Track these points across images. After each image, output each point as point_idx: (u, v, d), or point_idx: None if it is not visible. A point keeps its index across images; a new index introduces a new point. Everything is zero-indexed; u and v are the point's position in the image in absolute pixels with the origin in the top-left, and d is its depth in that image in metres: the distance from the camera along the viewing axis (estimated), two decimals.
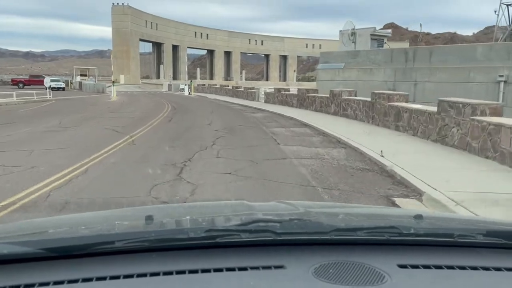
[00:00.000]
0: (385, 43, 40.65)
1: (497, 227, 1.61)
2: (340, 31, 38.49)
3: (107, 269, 1.19)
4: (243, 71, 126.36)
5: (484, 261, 1.31)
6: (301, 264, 1.23)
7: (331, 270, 1.19)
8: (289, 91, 32.30)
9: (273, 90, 36.75)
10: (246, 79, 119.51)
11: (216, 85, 56.72)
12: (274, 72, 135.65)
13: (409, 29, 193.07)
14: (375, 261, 1.25)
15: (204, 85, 61.79)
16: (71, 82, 67.62)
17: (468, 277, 1.24)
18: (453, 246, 1.40)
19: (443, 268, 1.25)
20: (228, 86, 51.01)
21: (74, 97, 47.23)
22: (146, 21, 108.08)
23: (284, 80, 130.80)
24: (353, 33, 37.41)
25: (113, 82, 49.79)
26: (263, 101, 35.50)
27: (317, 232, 1.36)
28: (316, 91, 28.39)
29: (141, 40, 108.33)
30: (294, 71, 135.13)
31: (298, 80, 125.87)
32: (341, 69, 35.39)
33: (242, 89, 43.03)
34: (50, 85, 58.68)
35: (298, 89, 30.49)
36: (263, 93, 36.58)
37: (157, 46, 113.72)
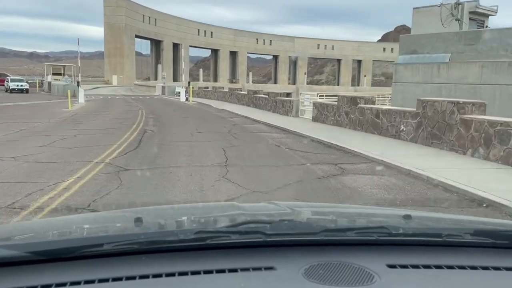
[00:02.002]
0: (486, 26, 24.66)
1: (485, 226, 1.58)
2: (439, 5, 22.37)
3: (95, 272, 1.13)
4: (250, 73, 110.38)
5: (472, 261, 1.28)
6: (291, 265, 1.18)
7: (320, 271, 1.15)
8: (374, 103, 16.13)
9: (322, 98, 20.78)
10: (247, 82, 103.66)
11: (223, 88, 40.55)
12: (283, 74, 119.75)
13: None
14: (365, 261, 1.21)
15: (207, 88, 45.62)
16: (40, 83, 51.74)
17: (456, 277, 1.20)
18: (441, 246, 1.36)
19: (432, 268, 1.22)
20: (241, 90, 34.83)
21: (18, 103, 31.45)
22: (143, 15, 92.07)
23: (294, 83, 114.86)
24: (458, 4, 21.41)
25: (77, 82, 33.86)
26: (310, 116, 19.36)
27: (307, 233, 1.31)
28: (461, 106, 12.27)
29: (137, 36, 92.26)
30: (305, 73, 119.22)
31: (308, 83, 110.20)
32: (444, 63, 19.38)
33: (265, 96, 26.68)
34: (9, 86, 43.01)
35: (426, 103, 14.29)
36: (308, 103, 20.42)
37: (156, 44, 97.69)
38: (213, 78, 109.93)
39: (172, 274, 1.13)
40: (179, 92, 46.41)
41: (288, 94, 26.05)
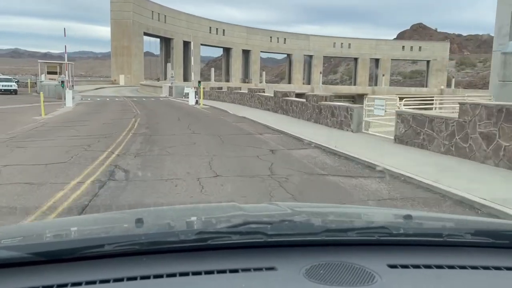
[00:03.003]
0: None
1: (486, 226, 1.56)
2: None
3: (96, 273, 1.12)
4: (263, 73, 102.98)
5: (473, 260, 1.26)
6: (292, 265, 1.17)
7: (321, 271, 1.13)
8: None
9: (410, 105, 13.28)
10: (260, 82, 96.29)
11: (240, 89, 33.00)
12: (298, 74, 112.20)
13: (438, 30, 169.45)
14: (365, 262, 1.19)
15: (221, 88, 38.24)
16: (34, 83, 44.96)
17: (457, 277, 1.18)
18: (442, 246, 1.34)
19: (432, 268, 1.20)
20: (262, 92, 27.36)
21: None
22: (152, 11, 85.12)
23: (309, 83, 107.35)
24: None
25: (61, 82, 26.92)
26: (382, 132, 11.86)
27: (308, 233, 1.29)
28: None
29: (146, 34, 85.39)
30: (320, 73, 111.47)
31: (323, 83, 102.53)
32: None
33: (302, 100, 19.17)
34: None
35: None
36: (382, 113, 12.89)
37: (166, 42, 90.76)
38: (225, 78, 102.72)
39: (173, 275, 1.10)
40: (188, 94, 39.34)
41: (301, 95, 19.09)
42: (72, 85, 49.30)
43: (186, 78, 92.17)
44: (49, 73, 45.69)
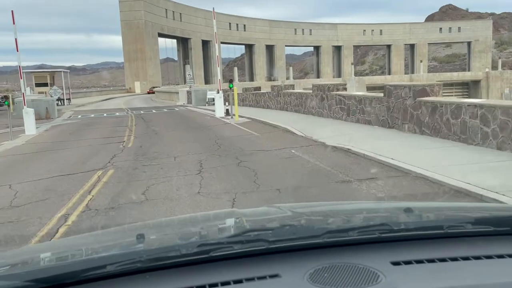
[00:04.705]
0: None
1: (486, 214, 1.51)
2: None
3: None
4: (290, 68, 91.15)
5: (475, 250, 1.22)
6: (295, 271, 1.13)
7: (325, 274, 1.09)
8: None
9: None
10: (287, 78, 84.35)
11: (292, 87, 20.53)
12: (326, 67, 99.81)
13: (470, 11, 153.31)
14: (368, 261, 1.15)
15: (258, 89, 26.00)
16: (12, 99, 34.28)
17: (461, 268, 1.14)
18: (444, 238, 1.29)
19: (436, 261, 1.16)
20: (344, 88, 15.26)
21: None
22: (166, 10, 74.40)
23: (339, 75, 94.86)
24: None
25: (4, 98, 15.91)
26: None
27: (309, 236, 1.24)
28: None
29: (160, 35, 74.73)
30: (352, 63, 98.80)
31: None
32: None
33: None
34: None
35: None
36: None
37: (183, 42, 79.99)
38: (248, 77, 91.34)
39: None
40: (213, 98, 27.96)
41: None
42: (69, 99, 38.73)
43: (207, 80, 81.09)
44: (38, 85, 35.10)
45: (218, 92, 21.61)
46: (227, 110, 19.77)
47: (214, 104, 27.88)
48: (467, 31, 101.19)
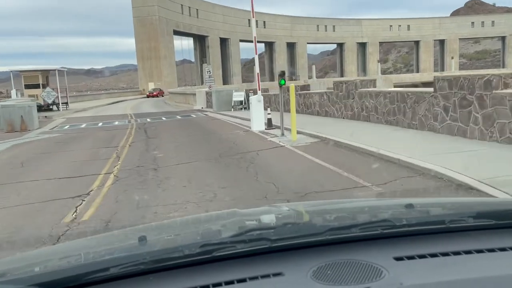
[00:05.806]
0: None
1: (488, 208, 1.49)
2: None
3: None
4: (313, 66, 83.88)
5: (477, 244, 1.21)
6: (299, 268, 1.12)
7: (329, 272, 1.08)
8: None
9: None
10: (309, 78, 77.02)
11: (372, 84, 12.76)
12: (351, 65, 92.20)
13: (497, 5, 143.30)
14: (371, 257, 1.14)
15: (306, 88, 18.58)
16: None
17: (463, 262, 1.14)
18: (446, 232, 1.28)
19: (438, 256, 1.15)
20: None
21: None
22: (181, 5, 67.94)
23: (364, 74, 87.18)
24: None
25: None
26: None
27: (312, 234, 1.23)
28: None
29: (176, 33, 68.28)
30: (378, 61, 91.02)
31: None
32: None
33: None
34: None
35: None
36: None
37: (200, 40, 73.51)
38: (269, 77, 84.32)
39: None
40: (241, 101, 21.30)
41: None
42: (66, 103, 32.33)
43: (225, 81, 74.44)
44: (28, 86, 28.81)
45: (248, 94, 14.71)
46: (268, 119, 12.87)
47: (241, 108, 21.00)
48: (501, 25, 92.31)
